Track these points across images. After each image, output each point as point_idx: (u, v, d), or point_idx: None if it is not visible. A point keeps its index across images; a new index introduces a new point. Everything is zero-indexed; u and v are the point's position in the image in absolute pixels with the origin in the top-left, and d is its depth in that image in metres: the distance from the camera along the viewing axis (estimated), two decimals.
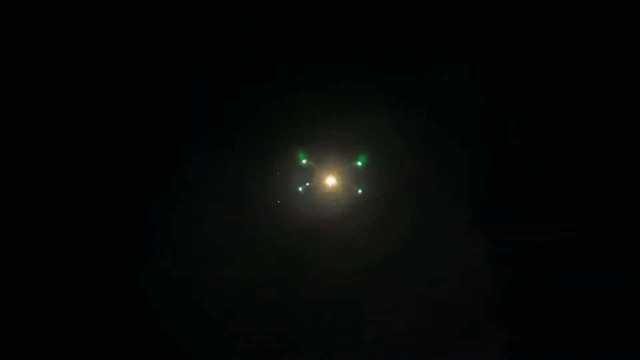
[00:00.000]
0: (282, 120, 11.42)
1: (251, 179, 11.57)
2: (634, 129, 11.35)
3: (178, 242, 11.50)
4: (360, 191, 11.39)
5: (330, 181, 11.37)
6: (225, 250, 11.48)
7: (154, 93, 11.45)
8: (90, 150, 11.46)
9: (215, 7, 11.24)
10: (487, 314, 11.31)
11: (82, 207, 11.39)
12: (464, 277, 11.29)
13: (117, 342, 11.24)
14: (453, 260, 11.37)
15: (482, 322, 11.29)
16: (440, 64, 11.20)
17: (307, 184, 11.42)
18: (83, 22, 11.14)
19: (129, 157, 11.56)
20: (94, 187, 11.46)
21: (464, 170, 11.44)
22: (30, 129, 11.29)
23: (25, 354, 10.98)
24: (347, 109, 11.24)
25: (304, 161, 11.32)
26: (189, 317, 11.39)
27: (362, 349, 11.32)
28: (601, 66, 11.31)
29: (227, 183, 11.61)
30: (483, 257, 11.28)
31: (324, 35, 11.23)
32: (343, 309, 11.46)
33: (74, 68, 11.30)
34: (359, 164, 11.31)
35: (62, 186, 11.34)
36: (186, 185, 11.64)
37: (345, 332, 11.41)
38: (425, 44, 11.19)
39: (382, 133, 11.25)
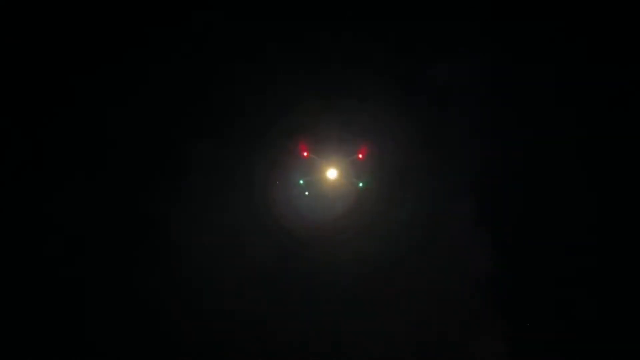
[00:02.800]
0: (283, 113, 11.44)
1: (251, 172, 11.57)
2: (635, 127, 11.37)
3: (177, 238, 11.48)
4: (361, 185, 11.38)
5: (331, 174, 11.36)
6: (225, 244, 11.45)
7: (154, 88, 11.45)
8: (88, 145, 11.46)
9: (218, 4, 11.30)
10: (490, 310, 11.28)
11: (82, 204, 11.36)
12: (466, 272, 11.26)
13: (116, 341, 11.16)
14: (455, 256, 11.36)
15: (484, 318, 11.26)
16: (444, 58, 11.25)
17: (308, 177, 11.41)
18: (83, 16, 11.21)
19: (127, 153, 11.56)
20: (91, 183, 11.44)
21: (466, 165, 11.46)
22: (30, 124, 11.28)
23: (25, 354, 10.92)
24: (348, 102, 11.26)
25: (304, 154, 11.31)
26: (189, 313, 11.33)
27: (364, 346, 11.26)
28: (601, 65, 11.34)
29: (227, 177, 11.61)
30: (485, 252, 11.26)
31: (326, 28, 11.29)
32: (343, 305, 11.43)
33: (77, 61, 11.31)
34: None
35: (62, 183, 11.31)
36: (186, 179, 11.65)
37: (345, 328, 11.37)
38: (428, 38, 11.25)
39: (383, 126, 11.26)
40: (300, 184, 11.44)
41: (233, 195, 11.59)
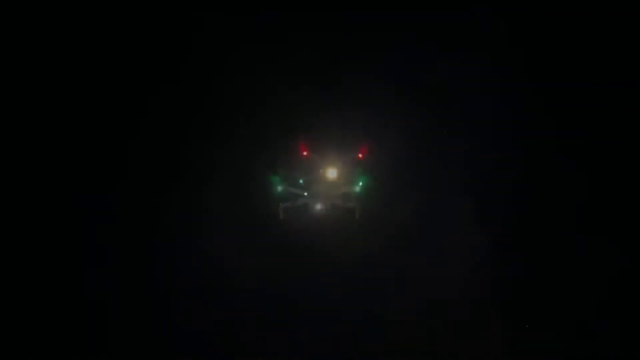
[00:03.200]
0: (283, 113, 11.47)
1: (251, 172, 11.60)
2: (634, 127, 11.35)
3: (180, 236, 11.53)
4: (360, 184, 11.39)
5: (331, 174, 11.36)
6: (225, 244, 11.48)
7: (154, 89, 11.53)
8: (91, 148, 11.56)
9: (216, 5, 11.33)
10: (488, 309, 11.30)
11: (85, 205, 11.46)
12: (466, 272, 11.27)
13: (123, 334, 11.27)
14: (453, 255, 11.36)
15: (483, 317, 11.28)
16: (444, 59, 11.25)
17: (308, 176, 11.43)
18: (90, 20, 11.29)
19: (129, 153, 11.63)
20: (94, 183, 11.52)
21: (465, 166, 11.47)
22: (39, 127, 11.38)
23: (26, 354, 11.00)
24: (350, 103, 11.29)
25: (304, 154, 11.33)
26: (190, 313, 11.38)
27: (363, 345, 11.29)
28: (601, 65, 11.32)
29: (227, 177, 11.65)
30: (483, 251, 11.27)
31: (326, 30, 11.32)
32: (343, 305, 11.45)
33: (84, 66, 11.40)
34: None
35: (69, 183, 11.42)
36: (185, 179, 11.72)
37: (344, 328, 11.40)
38: (428, 38, 11.26)
39: (383, 126, 11.28)
40: (300, 183, 11.47)
41: (233, 195, 11.62)
